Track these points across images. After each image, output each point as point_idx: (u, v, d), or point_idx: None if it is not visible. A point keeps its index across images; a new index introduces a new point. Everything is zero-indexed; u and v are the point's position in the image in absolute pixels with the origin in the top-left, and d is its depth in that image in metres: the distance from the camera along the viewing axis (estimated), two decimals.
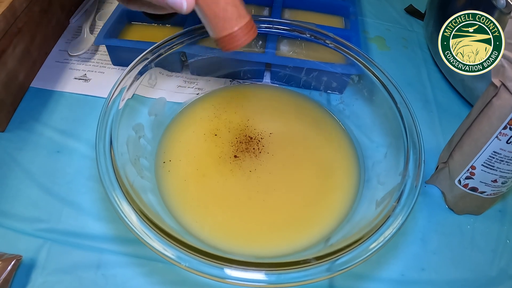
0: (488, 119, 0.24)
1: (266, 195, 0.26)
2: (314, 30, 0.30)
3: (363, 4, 0.47)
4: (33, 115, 0.32)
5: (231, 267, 0.19)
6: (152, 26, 0.38)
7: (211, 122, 0.30)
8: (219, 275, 0.18)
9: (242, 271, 0.18)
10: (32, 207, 0.27)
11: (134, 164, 0.25)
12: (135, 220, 0.20)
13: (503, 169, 0.26)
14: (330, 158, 0.29)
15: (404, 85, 0.38)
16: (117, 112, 0.24)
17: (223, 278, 0.18)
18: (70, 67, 0.36)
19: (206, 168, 0.27)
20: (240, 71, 0.35)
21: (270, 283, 0.18)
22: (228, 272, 0.18)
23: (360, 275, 0.26)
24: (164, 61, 0.29)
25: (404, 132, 0.24)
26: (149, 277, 0.24)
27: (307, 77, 0.34)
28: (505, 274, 0.27)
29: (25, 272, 0.24)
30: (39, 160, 0.30)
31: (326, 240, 0.24)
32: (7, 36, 0.30)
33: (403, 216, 0.21)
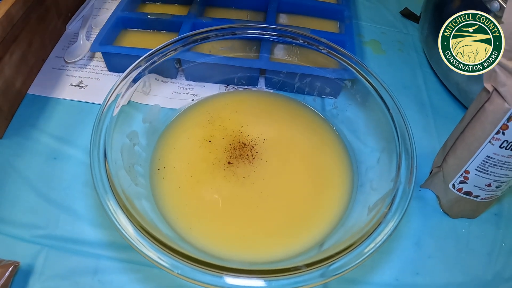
0: (481, 124, 0.24)
1: (260, 201, 0.26)
2: (307, 36, 0.30)
3: (358, 8, 0.47)
4: (30, 122, 0.33)
5: (224, 274, 0.19)
6: (147, 32, 0.38)
7: (205, 129, 0.30)
8: (210, 282, 0.19)
9: (234, 278, 0.19)
10: (29, 213, 0.27)
11: (128, 171, 0.25)
12: (129, 228, 0.20)
13: (496, 173, 0.26)
14: (323, 163, 0.29)
15: (400, 89, 0.38)
16: (111, 119, 0.24)
17: (215, 285, 0.19)
18: (66, 73, 0.37)
19: (200, 175, 0.27)
20: (234, 77, 0.35)
21: None
22: (222, 279, 0.19)
23: (354, 280, 0.26)
24: (159, 68, 0.29)
25: (396, 137, 0.24)
26: (145, 283, 0.25)
27: (301, 83, 0.34)
28: (500, 277, 0.27)
29: (23, 278, 0.24)
30: (36, 166, 0.30)
31: (320, 245, 0.24)
32: (4, 43, 0.30)
33: (394, 222, 0.21)
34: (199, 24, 0.37)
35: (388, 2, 0.48)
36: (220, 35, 0.31)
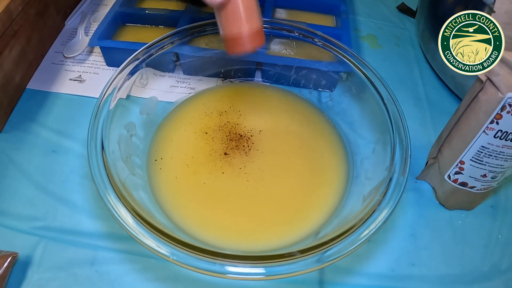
0: (475, 114, 0.24)
1: (255, 191, 0.26)
2: (302, 29, 0.30)
3: (355, 3, 0.47)
4: (29, 116, 0.33)
5: (221, 261, 0.19)
6: (145, 27, 0.39)
7: (202, 121, 0.30)
8: (207, 268, 0.19)
9: (233, 266, 0.19)
10: (28, 205, 0.28)
11: (125, 162, 0.25)
12: (126, 217, 0.20)
13: (491, 163, 0.26)
14: (319, 155, 0.29)
15: (396, 83, 0.38)
16: (108, 112, 0.25)
17: (211, 271, 0.19)
18: (65, 68, 0.37)
19: (196, 166, 0.27)
20: (231, 70, 0.35)
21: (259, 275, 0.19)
22: (219, 266, 0.19)
23: (350, 270, 0.26)
24: (157, 62, 0.29)
25: (390, 127, 0.25)
26: (142, 273, 0.25)
27: (297, 75, 0.34)
28: (497, 269, 0.27)
29: (21, 268, 0.25)
30: (36, 159, 0.30)
31: (316, 234, 0.24)
32: (4, 38, 0.30)
33: (388, 209, 0.21)
34: (196, 19, 0.37)
35: None
36: (216, 28, 0.31)
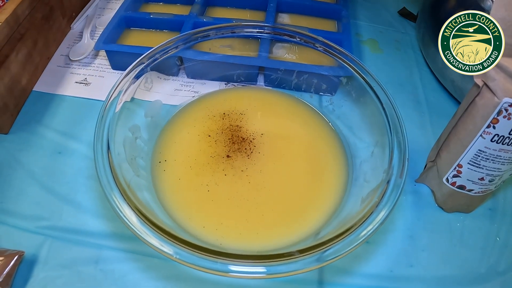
0: (472, 118, 0.25)
1: (257, 193, 0.27)
2: (304, 34, 0.31)
3: (357, 7, 0.48)
4: (35, 118, 0.33)
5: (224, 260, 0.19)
6: (149, 31, 0.39)
7: (205, 124, 0.31)
8: (210, 266, 0.19)
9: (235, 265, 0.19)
10: (34, 205, 0.28)
11: (130, 163, 0.26)
12: (131, 217, 0.21)
13: (489, 167, 0.26)
14: (320, 158, 0.30)
15: (396, 87, 0.39)
16: (114, 114, 0.25)
17: (214, 269, 0.19)
18: (71, 71, 0.37)
19: (199, 168, 0.28)
20: (234, 74, 0.36)
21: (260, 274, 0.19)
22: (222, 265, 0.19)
23: (349, 271, 0.26)
24: (161, 66, 0.30)
25: (389, 131, 0.25)
26: (145, 272, 0.25)
27: (298, 80, 0.34)
28: (494, 271, 0.27)
29: (27, 267, 0.25)
30: (41, 160, 0.31)
31: (316, 235, 0.25)
32: (10, 41, 0.31)
33: (386, 211, 0.21)
34: (200, 24, 0.37)
35: (386, 2, 0.49)
36: (220, 33, 0.32)
